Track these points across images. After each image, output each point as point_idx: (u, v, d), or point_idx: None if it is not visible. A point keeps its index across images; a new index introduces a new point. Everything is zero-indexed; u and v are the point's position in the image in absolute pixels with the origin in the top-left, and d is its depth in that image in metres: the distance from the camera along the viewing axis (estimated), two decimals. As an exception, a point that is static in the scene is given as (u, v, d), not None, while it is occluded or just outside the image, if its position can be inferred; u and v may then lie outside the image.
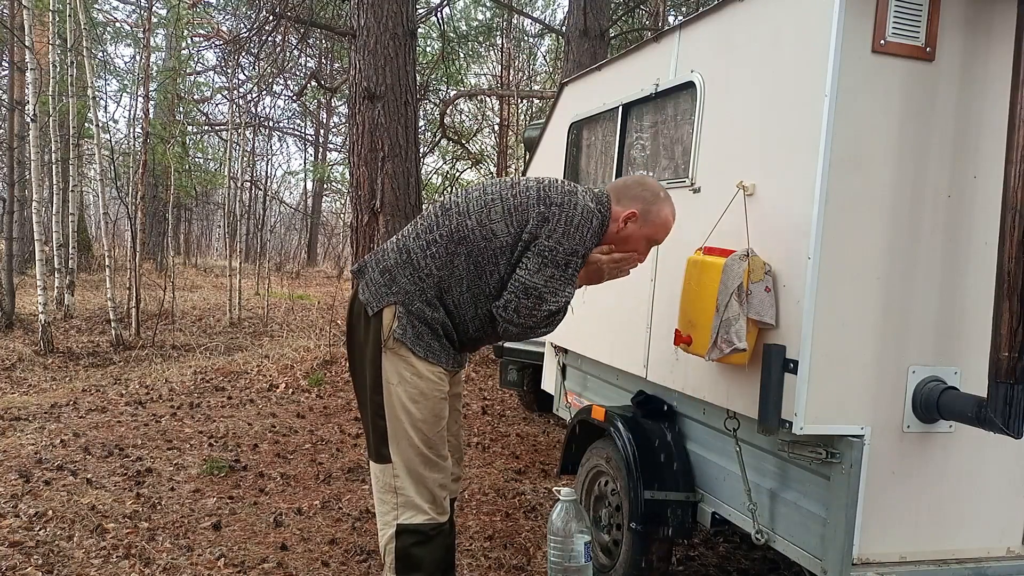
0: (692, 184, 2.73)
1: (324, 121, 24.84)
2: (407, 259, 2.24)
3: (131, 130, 16.78)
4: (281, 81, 16.35)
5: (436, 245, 2.21)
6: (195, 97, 19.67)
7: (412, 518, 2.25)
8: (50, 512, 3.62)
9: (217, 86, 18.74)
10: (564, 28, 10.52)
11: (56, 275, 10.55)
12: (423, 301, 2.22)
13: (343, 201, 25.79)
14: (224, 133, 18.62)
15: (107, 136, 11.78)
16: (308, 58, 16.34)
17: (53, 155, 11.23)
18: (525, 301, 2.15)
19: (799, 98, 2.22)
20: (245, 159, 16.37)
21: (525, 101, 15.87)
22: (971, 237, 2.24)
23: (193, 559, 3.24)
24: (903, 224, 2.18)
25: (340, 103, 20.58)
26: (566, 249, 2.15)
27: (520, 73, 18.79)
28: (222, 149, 20.75)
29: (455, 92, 15.17)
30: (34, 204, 8.79)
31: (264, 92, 15.10)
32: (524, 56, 18.71)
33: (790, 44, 2.29)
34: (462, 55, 15.50)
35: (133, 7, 18.19)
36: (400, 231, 2.37)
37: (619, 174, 3.39)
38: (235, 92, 14.19)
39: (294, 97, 19.23)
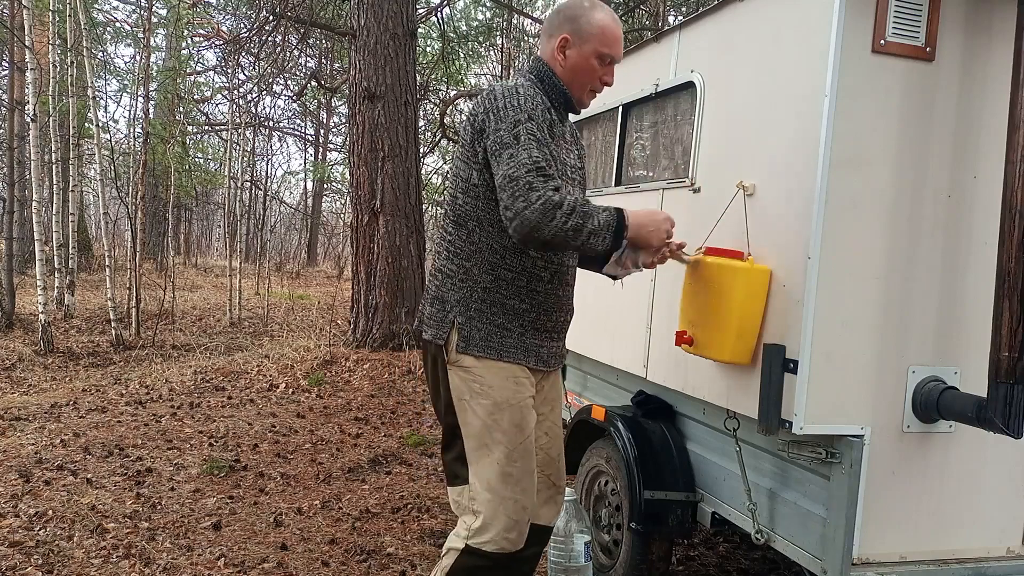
0: (692, 184, 2.73)
1: (324, 121, 24.85)
2: (444, 277, 2.11)
3: (131, 130, 16.77)
4: (281, 81, 16.36)
5: (456, 243, 2.10)
6: (195, 97, 19.67)
7: (483, 544, 2.02)
8: (50, 512, 3.62)
9: (217, 86, 18.76)
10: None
11: (56, 275, 10.55)
12: (479, 300, 2.06)
13: (343, 201, 25.80)
14: (224, 133, 18.62)
15: (107, 136, 11.78)
16: (308, 58, 16.34)
17: (53, 155, 11.23)
18: (506, 193, 1.89)
19: (799, 98, 2.22)
20: (245, 159, 16.38)
21: (525, 101, 15.80)
22: (971, 237, 2.24)
23: (193, 559, 3.24)
24: (903, 224, 2.18)
25: (340, 103, 20.58)
26: (507, 126, 1.94)
27: (520, 73, 18.74)
28: (222, 149, 20.75)
29: (455, 92, 15.17)
30: (34, 204, 8.79)
31: (264, 92, 15.11)
32: (524, 56, 18.71)
33: (790, 44, 2.29)
34: (462, 55, 15.50)
35: (133, 7, 18.20)
36: None
37: (619, 174, 3.39)
38: (235, 92, 14.20)
39: (294, 97, 19.24)
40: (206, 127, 21.63)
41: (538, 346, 2.13)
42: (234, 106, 14.53)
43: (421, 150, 8.36)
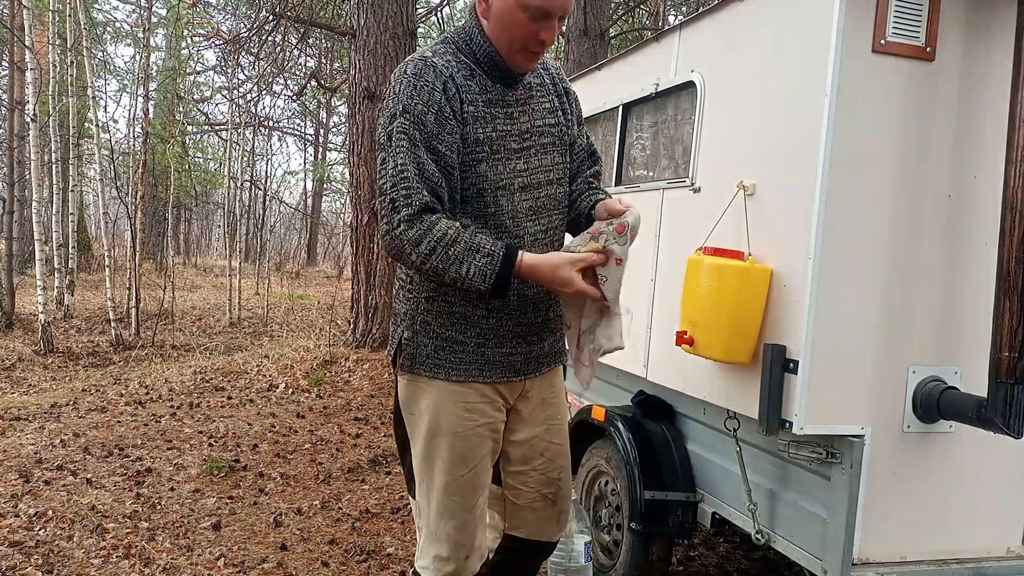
0: (692, 184, 2.73)
1: (324, 121, 24.86)
2: (398, 287, 1.91)
3: (131, 130, 16.79)
4: (281, 81, 16.37)
5: None
6: (195, 97, 19.67)
7: (423, 569, 1.91)
8: (50, 512, 3.62)
9: (217, 86, 18.76)
10: (564, 28, 10.52)
11: (56, 275, 10.55)
12: (424, 311, 1.81)
13: (343, 201, 25.80)
14: (224, 133, 18.62)
15: (107, 136, 11.79)
16: (308, 58, 16.35)
17: (53, 155, 11.23)
18: (378, 206, 1.69)
19: (799, 98, 2.22)
20: (245, 159, 16.38)
21: (525, 101, 15.80)
22: (971, 237, 2.24)
23: (193, 559, 3.24)
24: (903, 224, 2.18)
25: (340, 103, 20.58)
26: (385, 120, 1.71)
27: (520, 73, 18.74)
28: (222, 149, 20.75)
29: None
30: (34, 204, 8.79)
31: (264, 92, 15.11)
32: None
33: (790, 44, 2.29)
34: (462, 55, 15.48)
35: (133, 7, 18.20)
36: None
37: (619, 174, 3.39)
38: (235, 92, 14.21)
39: (294, 97, 19.26)
40: (206, 127, 21.64)
41: (507, 355, 1.84)
42: (234, 106, 14.53)
43: (421, 150, 8.37)
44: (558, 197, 1.91)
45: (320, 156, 25.33)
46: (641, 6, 12.62)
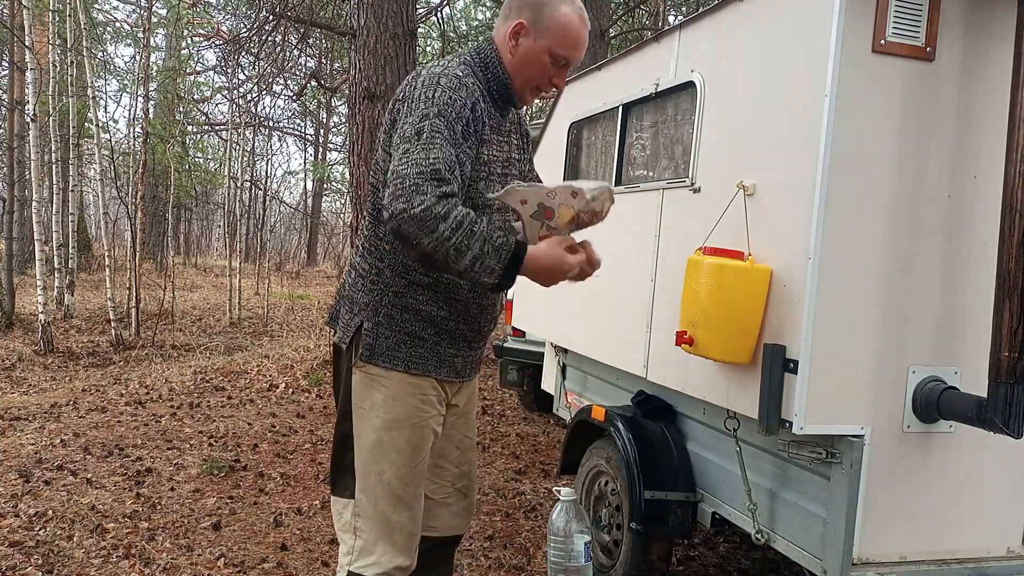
0: (692, 184, 2.73)
1: (324, 121, 24.86)
2: (356, 276, 1.95)
3: (131, 130, 16.79)
4: (281, 81, 16.36)
5: (372, 239, 1.92)
6: (195, 97, 19.67)
7: (366, 568, 1.87)
8: (50, 512, 3.62)
9: (217, 86, 18.76)
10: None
11: (56, 275, 10.55)
12: (389, 304, 1.88)
13: (343, 201, 25.81)
14: (224, 133, 18.63)
15: (107, 136, 11.79)
16: (308, 58, 16.35)
17: (53, 155, 11.23)
18: (389, 190, 1.68)
19: (799, 98, 2.22)
20: (245, 159, 16.37)
21: (525, 101, 15.81)
22: (971, 237, 2.24)
23: (193, 559, 3.24)
24: (903, 224, 2.18)
25: (340, 103, 20.59)
26: (414, 120, 1.73)
27: (520, 73, 18.73)
28: (222, 149, 20.76)
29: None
30: (34, 204, 8.79)
31: (264, 92, 15.09)
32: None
33: (790, 44, 2.29)
34: (462, 55, 15.48)
35: (133, 7, 18.22)
36: None
37: (619, 174, 3.39)
38: (235, 92, 14.21)
39: (294, 97, 19.25)
40: (206, 127, 21.64)
41: (453, 355, 1.95)
42: (234, 106, 14.53)
43: (421, 150, 8.36)
44: (512, 224, 2.00)
45: (320, 156, 25.34)
46: (641, 6, 12.62)
